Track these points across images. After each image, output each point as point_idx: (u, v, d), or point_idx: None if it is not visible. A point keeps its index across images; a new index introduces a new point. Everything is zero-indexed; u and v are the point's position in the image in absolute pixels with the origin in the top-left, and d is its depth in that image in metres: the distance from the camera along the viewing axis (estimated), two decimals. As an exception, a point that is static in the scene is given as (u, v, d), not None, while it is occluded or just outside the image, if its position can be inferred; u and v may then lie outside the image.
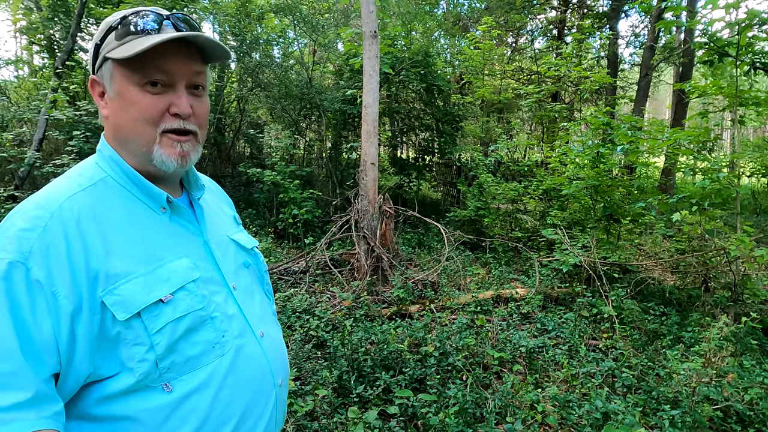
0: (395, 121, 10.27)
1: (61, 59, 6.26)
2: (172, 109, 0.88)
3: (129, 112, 0.87)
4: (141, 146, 0.89)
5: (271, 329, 1.06)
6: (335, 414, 2.69)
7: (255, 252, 1.15)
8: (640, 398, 2.89)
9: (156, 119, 0.88)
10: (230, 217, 1.18)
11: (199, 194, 1.04)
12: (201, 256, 0.95)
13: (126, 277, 0.82)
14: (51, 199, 0.83)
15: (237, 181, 8.91)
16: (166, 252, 0.89)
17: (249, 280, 1.07)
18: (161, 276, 0.86)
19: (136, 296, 0.82)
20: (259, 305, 1.06)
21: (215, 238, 1.01)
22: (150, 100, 0.87)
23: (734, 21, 4.51)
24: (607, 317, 4.13)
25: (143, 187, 0.92)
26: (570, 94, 11.29)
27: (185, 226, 0.96)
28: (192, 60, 0.90)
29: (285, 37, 9.72)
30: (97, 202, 0.86)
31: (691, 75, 10.50)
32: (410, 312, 4.31)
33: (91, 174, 0.91)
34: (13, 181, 6.00)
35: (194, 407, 0.86)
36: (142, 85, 0.86)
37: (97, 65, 0.91)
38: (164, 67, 0.86)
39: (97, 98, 0.93)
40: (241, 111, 9.97)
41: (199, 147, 0.95)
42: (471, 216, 7.18)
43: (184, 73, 0.89)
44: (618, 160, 6.58)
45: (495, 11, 11.47)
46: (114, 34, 0.87)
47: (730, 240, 4.20)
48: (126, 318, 0.80)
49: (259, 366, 0.97)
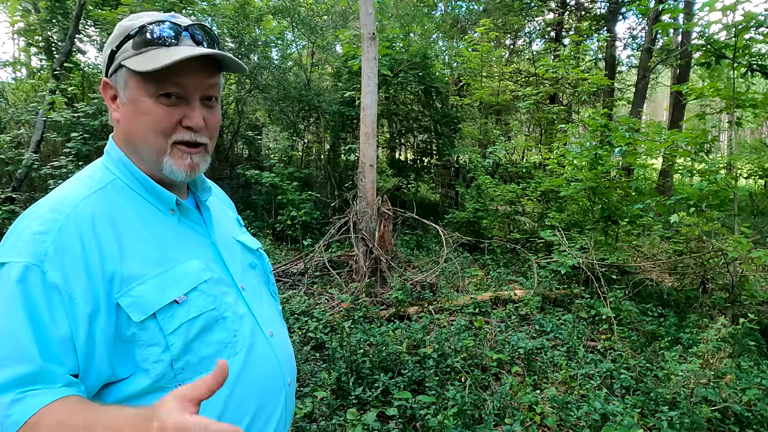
0: (393, 122, 10.28)
1: (59, 61, 6.25)
2: (184, 122, 0.89)
3: (142, 121, 0.87)
4: (151, 155, 0.90)
5: (279, 329, 1.07)
6: (334, 416, 2.69)
7: (260, 253, 1.16)
8: (639, 399, 2.89)
9: (168, 131, 0.88)
10: (233, 219, 1.19)
11: (206, 196, 1.05)
12: (210, 257, 0.96)
13: (140, 279, 0.83)
14: (65, 202, 0.83)
15: (235, 182, 8.90)
16: (177, 253, 0.90)
17: (256, 280, 1.08)
18: (174, 277, 0.86)
19: (150, 297, 0.82)
20: (266, 305, 1.07)
21: (222, 240, 1.02)
22: (163, 112, 0.87)
23: (731, 23, 4.53)
24: (605, 318, 4.13)
25: (152, 190, 0.92)
26: (568, 96, 11.32)
27: (194, 228, 0.97)
28: (208, 73, 0.90)
29: (283, 39, 9.73)
30: (109, 205, 0.86)
31: (688, 77, 10.55)
32: (409, 314, 4.31)
33: (100, 176, 0.91)
34: (10, 183, 5.98)
35: (208, 407, 0.85)
36: (156, 97, 0.86)
37: (111, 70, 0.90)
38: (180, 81, 0.87)
39: (108, 101, 0.92)
40: (239, 113, 9.96)
41: (208, 158, 0.96)
42: (469, 217, 7.18)
43: (200, 86, 0.89)
44: (616, 161, 6.58)
45: (493, 13, 11.50)
46: (131, 43, 0.87)
47: (727, 241, 4.21)
48: (141, 319, 0.81)
49: (269, 365, 0.97)
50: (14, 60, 9.47)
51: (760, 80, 15.05)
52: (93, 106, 6.09)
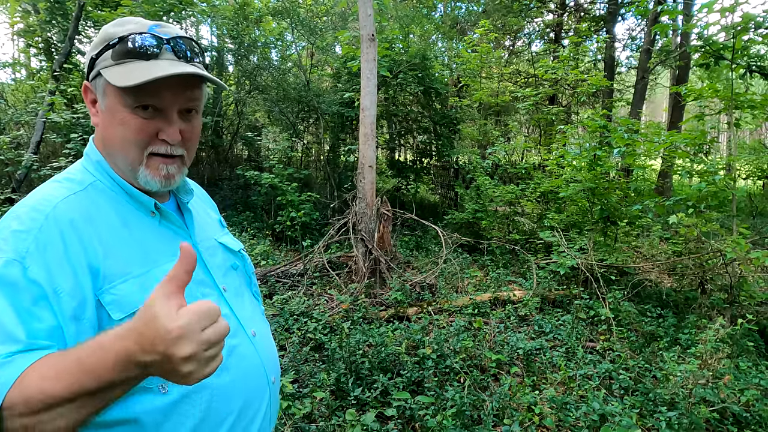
0: (393, 123, 10.29)
1: (59, 62, 6.26)
2: (160, 135, 0.88)
3: (118, 131, 0.87)
4: (127, 164, 0.90)
5: (262, 328, 1.08)
6: (333, 416, 2.69)
7: (242, 254, 1.17)
8: (637, 400, 2.89)
9: (144, 143, 0.88)
10: (215, 220, 1.19)
11: (188, 199, 1.05)
12: None
13: (122, 278, 0.83)
14: (44, 202, 0.83)
15: (235, 183, 8.90)
16: (158, 255, 0.90)
17: (238, 282, 1.08)
18: (155, 278, 0.86)
19: (132, 296, 0.82)
20: (249, 305, 1.08)
21: (203, 242, 1.03)
22: (139, 124, 0.86)
23: (730, 25, 4.55)
24: (604, 319, 4.13)
25: (131, 194, 0.93)
26: (567, 97, 11.34)
27: (175, 231, 0.97)
28: (187, 87, 0.89)
29: (283, 40, 9.74)
30: (90, 205, 0.86)
31: (687, 78, 10.57)
32: (408, 314, 4.32)
33: (81, 178, 0.91)
34: (10, 184, 5.99)
35: (191, 407, 0.86)
36: (133, 108, 0.86)
37: (92, 75, 0.90)
38: (158, 94, 0.86)
39: (89, 104, 0.93)
40: (238, 113, 9.98)
41: (185, 169, 0.96)
42: (468, 218, 7.19)
43: (178, 100, 0.89)
44: (615, 162, 6.59)
45: (492, 14, 11.52)
46: (111, 52, 0.87)
47: (726, 242, 4.22)
48: (121, 318, 0.81)
49: (253, 364, 0.98)
50: (14, 61, 9.48)
51: (759, 81, 15.07)
52: (92, 107, 6.08)
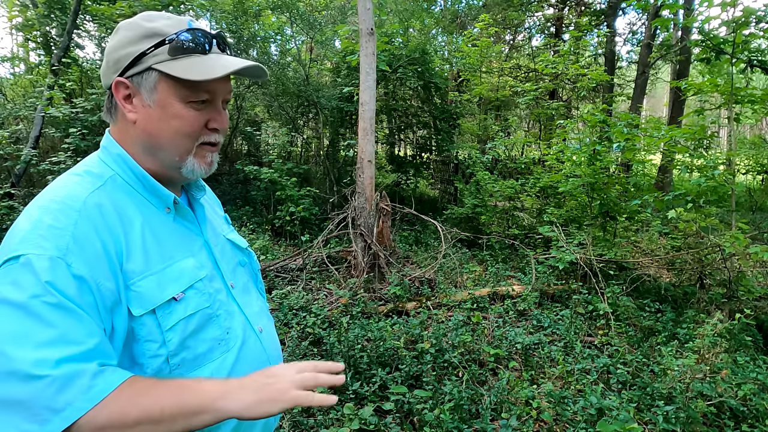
0: (392, 118, 10.27)
1: (58, 56, 6.23)
2: (211, 124, 0.93)
3: (171, 124, 0.89)
4: (175, 156, 0.92)
5: (267, 324, 1.10)
6: (331, 410, 2.70)
7: (249, 251, 1.19)
8: (635, 394, 2.90)
9: (198, 134, 0.92)
10: (222, 217, 1.20)
11: (200, 195, 1.06)
12: (203, 255, 0.98)
13: (142, 274, 0.84)
14: (73, 197, 0.82)
15: (234, 178, 8.89)
16: (174, 251, 0.91)
17: (245, 278, 1.10)
18: (172, 274, 0.88)
19: (151, 293, 0.84)
20: (255, 302, 1.09)
21: (214, 238, 1.04)
22: (194, 116, 0.91)
23: (730, 19, 4.53)
24: (602, 314, 4.15)
25: (151, 188, 0.93)
26: (567, 91, 11.29)
27: (188, 227, 0.99)
28: (228, 79, 0.95)
29: (282, 34, 9.69)
30: (113, 200, 0.87)
31: (688, 72, 10.53)
32: (407, 309, 4.33)
33: (99, 171, 0.91)
34: (9, 178, 5.98)
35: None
36: (186, 102, 0.89)
37: (133, 71, 0.89)
38: (212, 88, 0.91)
39: (121, 100, 0.90)
40: (238, 108, 9.93)
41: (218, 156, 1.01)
42: (468, 213, 7.19)
43: (224, 91, 0.94)
44: (615, 157, 6.59)
45: (493, 8, 11.47)
46: (167, 48, 0.88)
47: (725, 237, 4.22)
48: (140, 314, 0.82)
49: (260, 360, 1.00)
50: (12, 55, 9.44)
51: (760, 76, 15.03)
52: (91, 102, 6.08)
